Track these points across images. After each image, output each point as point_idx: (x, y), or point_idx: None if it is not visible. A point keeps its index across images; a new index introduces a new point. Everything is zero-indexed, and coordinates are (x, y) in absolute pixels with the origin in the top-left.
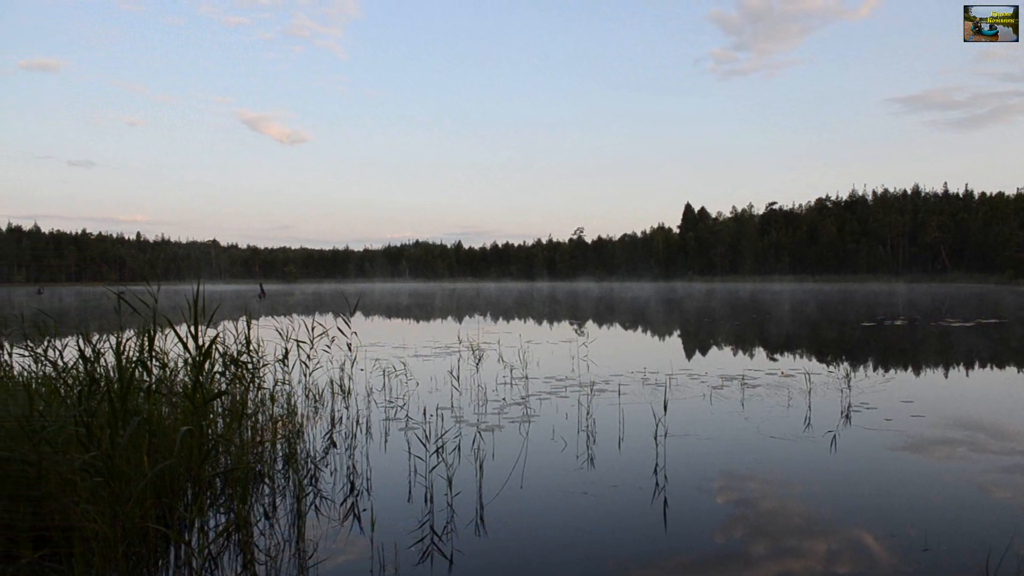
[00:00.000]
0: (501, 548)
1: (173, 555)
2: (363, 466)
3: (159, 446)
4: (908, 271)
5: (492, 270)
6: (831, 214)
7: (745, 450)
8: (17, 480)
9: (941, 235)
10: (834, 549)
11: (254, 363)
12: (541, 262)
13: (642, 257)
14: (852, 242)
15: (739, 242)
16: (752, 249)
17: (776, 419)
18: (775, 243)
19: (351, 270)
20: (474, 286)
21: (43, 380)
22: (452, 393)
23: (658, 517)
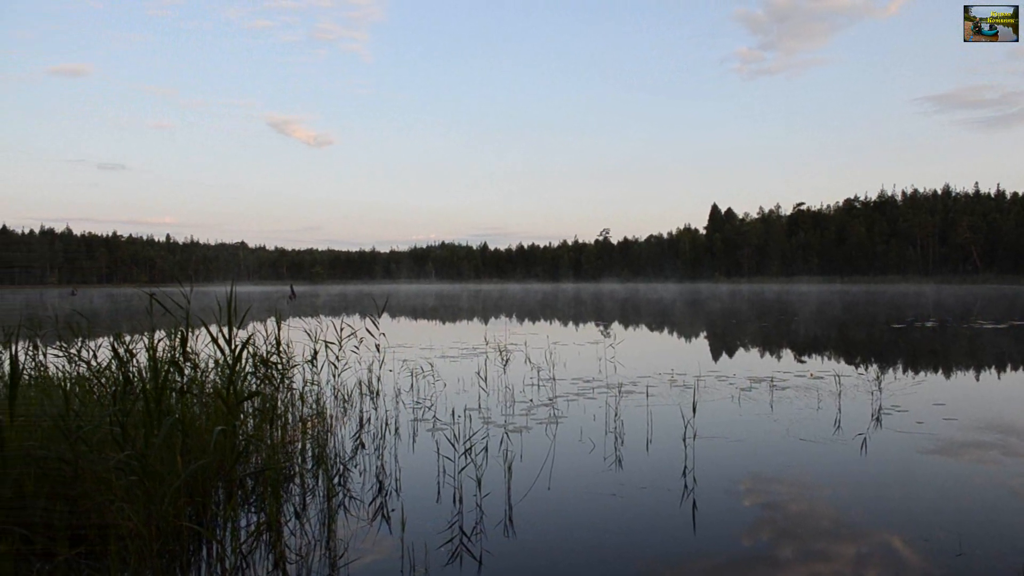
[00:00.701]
0: (530, 549)
1: (205, 553)
2: (392, 467)
3: (191, 446)
4: (938, 272)
5: (517, 271)
6: (860, 214)
7: (774, 452)
8: (54, 479)
9: (972, 235)
10: (865, 553)
11: (283, 364)
12: (567, 263)
13: (668, 258)
14: (881, 243)
15: (766, 243)
16: (779, 250)
17: (806, 421)
18: (803, 244)
19: (377, 271)
20: (499, 287)
21: (77, 380)
22: (479, 394)
23: (687, 519)
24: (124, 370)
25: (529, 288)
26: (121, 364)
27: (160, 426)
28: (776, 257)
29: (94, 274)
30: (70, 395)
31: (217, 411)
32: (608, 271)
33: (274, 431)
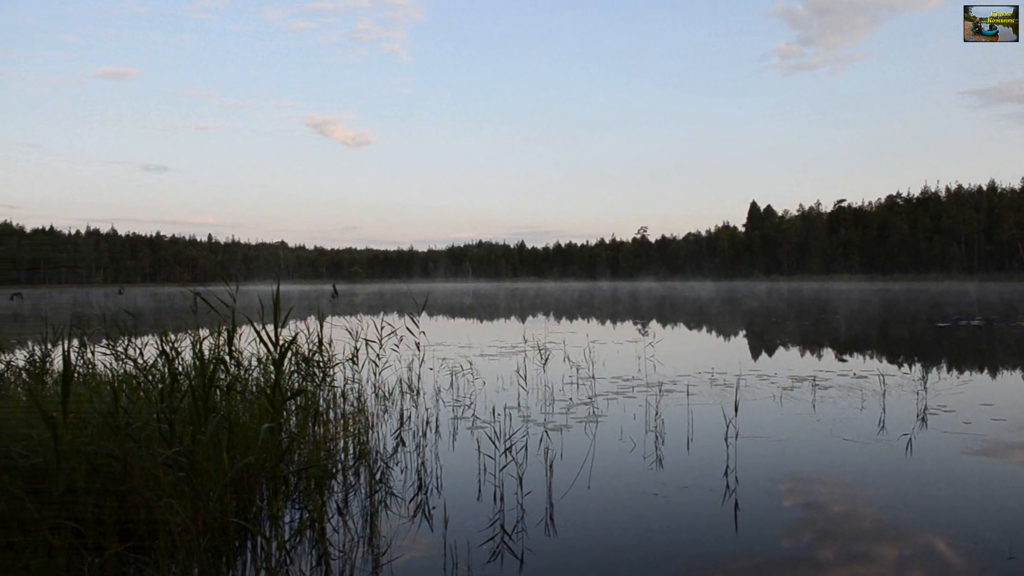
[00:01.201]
0: (571, 548)
1: (250, 549)
2: (432, 464)
3: (235, 443)
4: (983, 269)
5: (554, 270)
6: (902, 211)
7: (818, 452)
8: (104, 474)
9: (1019, 232)
10: (911, 555)
11: (324, 362)
12: (604, 262)
13: (706, 256)
14: (924, 240)
15: (806, 241)
16: (820, 248)
17: (849, 421)
18: (844, 241)
19: (415, 270)
20: (536, 286)
21: (124, 377)
22: (519, 392)
23: (729, 519)
24: (171, 368)
25: (566, 286)
26: (168, 362)
27: (207, 423)
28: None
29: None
30: (119, 392)
31: (260, 408)
32: (645, 269)
33: (316, 428)
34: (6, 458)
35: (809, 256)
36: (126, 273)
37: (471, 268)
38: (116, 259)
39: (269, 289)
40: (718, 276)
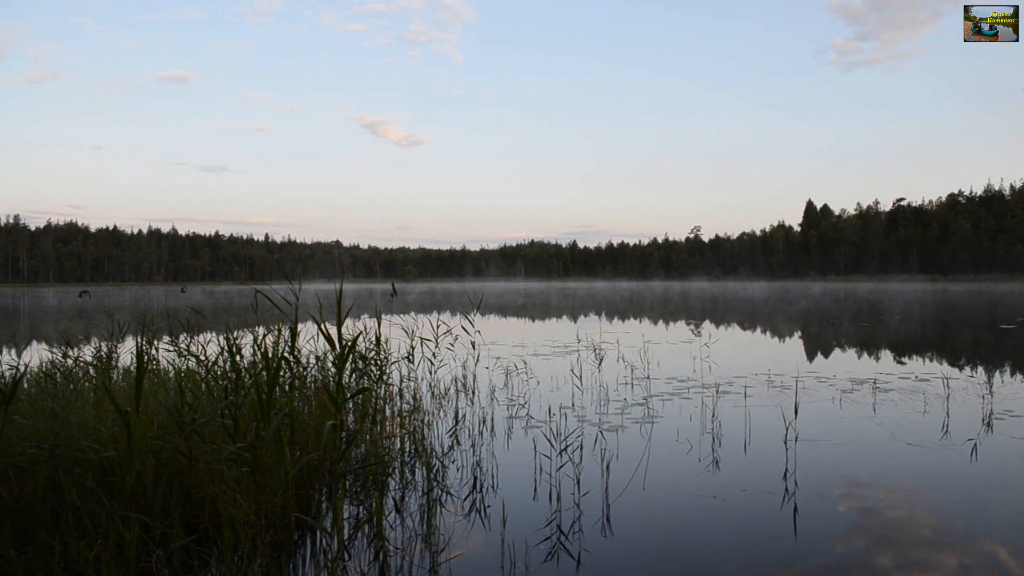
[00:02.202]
0: (628, 549)
1: (309, 545)
2: (488, 463)
3: (296, 439)
4: None
5: (606, 269)
6: (964, 210)
7: (879, 457)
8: (170, 468)
9: None
10: (973, 565)
11: (381, 360)
12: (656, 261)
13: (761, 256)
14: (988, 240)
15: (864, 240)
16: (878, 247)
17: (912, 425)
18: (903, 241)
19: (467, 269)
20: (588, 285)
21: (187, 374)
22: (573, 392)
23: (788, 524)
24: (236, 365)
25: (617, 286)
26: (232, 358)
27: (270, 420)
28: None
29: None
30: (184, 388)
31: (320, 405)
32: (699, 269)
33: (374, 426)
34: (77, 451)
35: (867, 256)
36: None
37: (523, 267)
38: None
39: (324, 287)
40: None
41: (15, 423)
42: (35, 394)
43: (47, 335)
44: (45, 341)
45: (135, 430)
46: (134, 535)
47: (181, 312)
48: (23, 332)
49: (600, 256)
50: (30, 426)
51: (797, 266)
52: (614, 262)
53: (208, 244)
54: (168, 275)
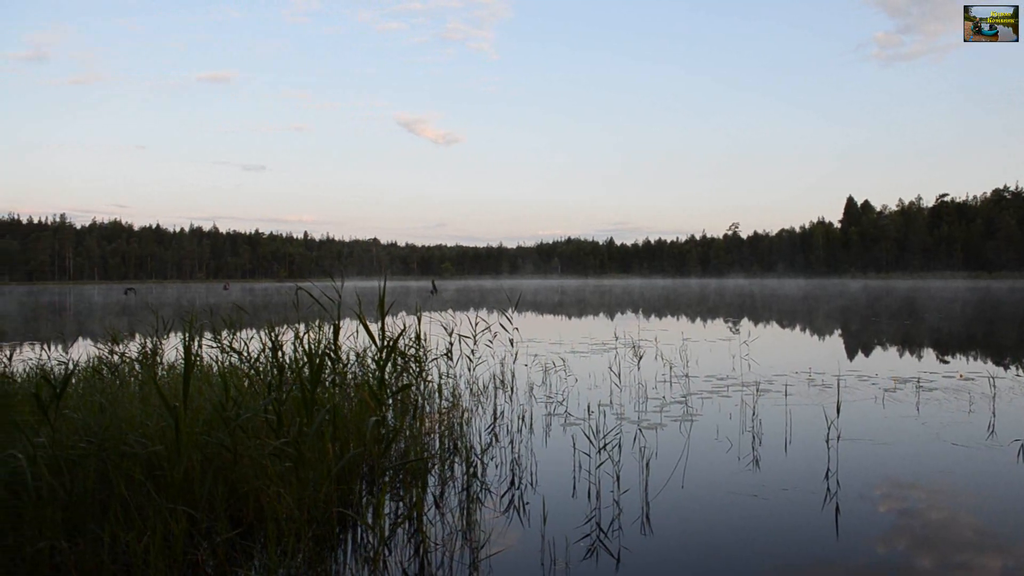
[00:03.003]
0: (668, 548)
1: (351, 539)
2: (527, 460)
3: (338, 435)
4: None
5: (643, 266)
6: (1010, 206)
7: (923, 457)
8: (216, 463)
9: None
10: None
11: (421, 357)
12: (694, 258)
13: (800, 253)
14: None
15: (906, 237)
16: (920, 244)
17: (957, 425)
18: (946, 238)
19: (503, 267)
20: (625, 282)
21: (230, 370)
22: (611, 390)
23: (829, 524)
24: (279, 361)
25: (654, 283)
26: (276, 355)
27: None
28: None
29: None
30: (229, 384)
31: (360, 401)
32: (737, 266)
33: (414, 422)
34: (124, 445)
35: (909, 253)
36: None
37: (559, 264)
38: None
39: (362, 285)
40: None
41: (66, 417)
42: (83, 389)
43: (94, 331)
44: (93, 337)
45: (183, 426)
46: (181, 528)
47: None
48: (72, 328)
49: (637, 253)
50: (80, 420)
51: (837, 263)
52: (651, 259)
53: (248, 242)
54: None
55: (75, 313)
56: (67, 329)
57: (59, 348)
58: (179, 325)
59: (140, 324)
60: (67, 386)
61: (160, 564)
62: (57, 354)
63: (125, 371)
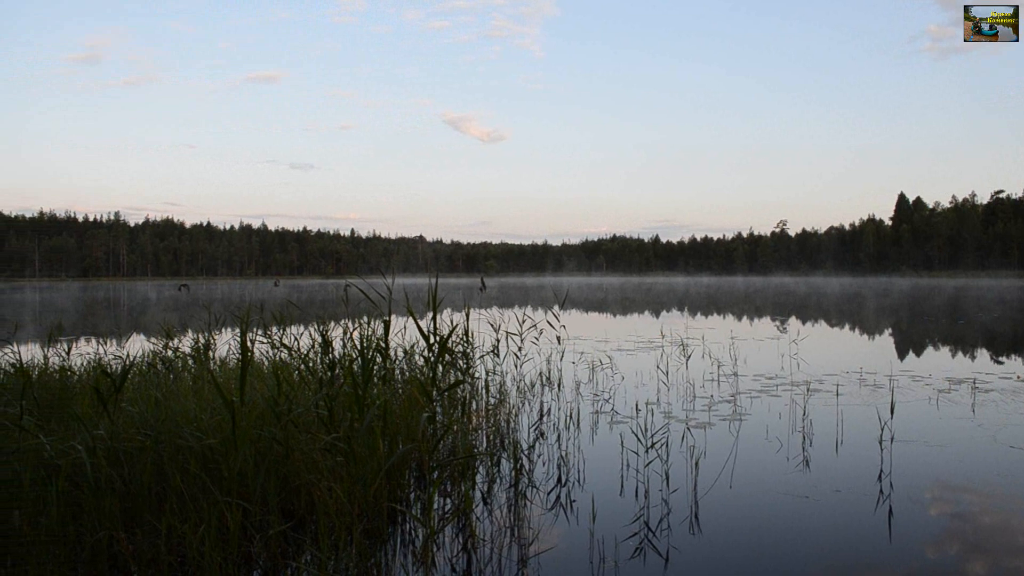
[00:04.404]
0: (717, 548)
1: (399, 534)
2: (574, 457)
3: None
4: None
5: (689, 264)
6: None
7: (980, 460)
8: (268, 457)
9: None
10: None
11: (468, 353)
12: (741, 256)
13: (849, 250)
14: None
15: (959, 235)
16: (974, 242)
17: (1015, 427)
18: (1001, 236)
19: (548, 264)
20: (670, 280)
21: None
22: (658, 388)
23: (882, 526)
24: (331, 357)
25: (700, 281)
26: (326, 351)
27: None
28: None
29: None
30: (281, 379)
31: (409, 397)
32: (785, 264)
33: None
34: (179, 439)
35: (962, 251)
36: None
37: (604, 262)
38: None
39: (407, 282)
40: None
41: (123, 410)
42: (139, 383)
43: (150, 327)
44: (147, 332)
45: (239, 420)
46: (236, 520)
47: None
48: (128, 324)
49: (683, 250)
50: (136, 414)
51: (888, 261)
52: (697, 257)
53: (296, 239)
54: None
55: (130, 309)
56: (123, 324)
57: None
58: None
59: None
60: (126, 380)
61: (215, 556)
62: (113, 349)
63: (179, 366)
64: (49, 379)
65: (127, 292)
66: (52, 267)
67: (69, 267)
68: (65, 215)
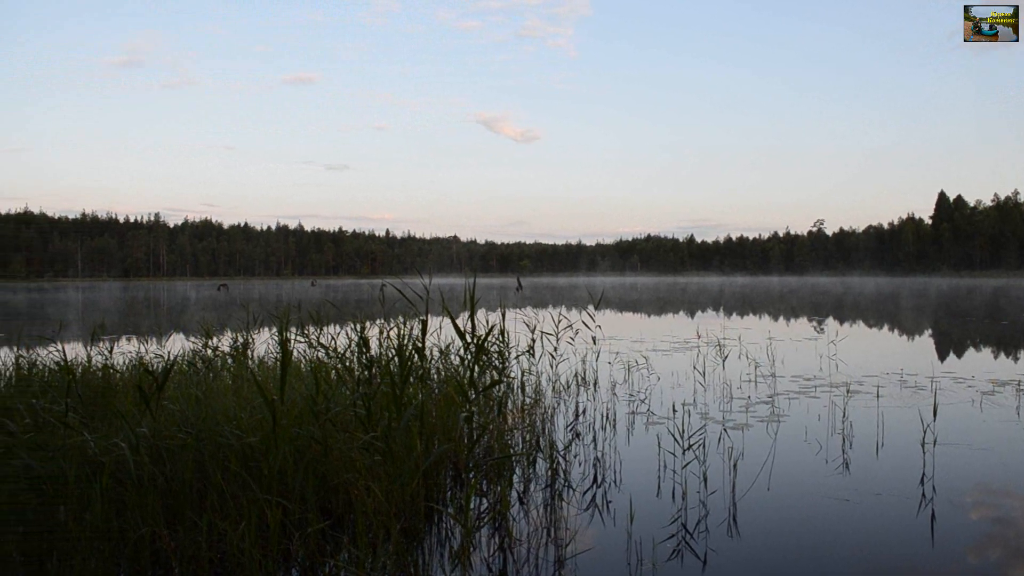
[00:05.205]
0: (755, 551)
1: (435, 533)
2: (611, 458)
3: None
4: None
5: (724, 264)
6: None
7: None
8: (307, 456)
9: None
10: None
11: (503, 353)
12: (777, 255)
13: (888, 250)
14: None
15: (1001, 233)
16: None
17: None
18: None
19: (582, 264)
20: (705, 280)
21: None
22: (695, 389)
23: (924, 531)
24: (369, 357)
25: (734, 281)
26: (364, 351)
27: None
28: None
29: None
30: (319, 379)
31: (445, 397)
32: (822, 264)
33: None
34: (220, 436)
35: (1005, 250)
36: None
37: (639, 262)
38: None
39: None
40: (901, 271)
41: (165, 408)
42: (179, 381)
43: (189, 326)
44: (186, 332)
45: (279, 419)
46: (277, 518)
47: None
48: (169, 323)
49: (718, 250)
50: (178, 412)
51: (928, 260)
52: (732, 256)
53: (332, 240)
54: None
55: (170, 308)
56: (163, 324)
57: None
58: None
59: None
60: (168, 378)
61: (255, 553)
62: (153, 347)
63: (218, 365)
64: (92, 377)
65: (167, 292)
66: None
67: (111, 267)
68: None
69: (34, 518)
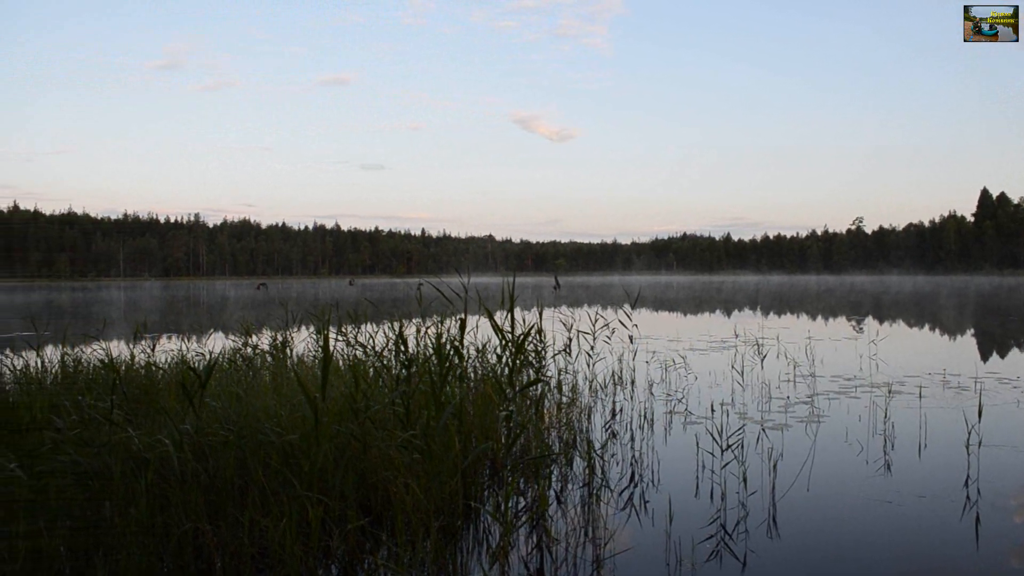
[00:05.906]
0: (795, 552)
1: (472, 530)
2: (648, 458)
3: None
4: None
5: (762, 262)
6: None
7: None
8: (347, 453)
9: None
10: None
11: (540, 352)
12: (815, 254)
13: (930, 248)
14: None
15: None
16: None
17: None
18: None
19: (618, 263)
20: (741, 279)
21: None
22: (733, 388)
23: (969, 534)
24: (408, 355)
25: (771, 280)
26: (403, 349)
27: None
28: None
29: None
30: (359, 377)
31: (482, 396)
32: (862, 262)
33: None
34: (260, 434)
35: None
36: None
37: (675, 260)
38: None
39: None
40: (943, 270)
41: (207, 406)
42: (220, 379)
43: (230, 324)
44: (226, 330)
45: (320, 417)
46: (317, 515)
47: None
48: (210, 321)
49: (755, 248)
50: (219, 409)
51: (970, 259)
52: (769, 255)
53: (368, 239)
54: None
55: (210, 307)
56: (204, 322)
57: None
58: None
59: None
60: (210, 376)
61: (296, 549)
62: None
63: (258, 363)
64: (136, 375)
65: (206, 291)
66: (136, 267)
67: (152, 267)
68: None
69: (81, 513)
